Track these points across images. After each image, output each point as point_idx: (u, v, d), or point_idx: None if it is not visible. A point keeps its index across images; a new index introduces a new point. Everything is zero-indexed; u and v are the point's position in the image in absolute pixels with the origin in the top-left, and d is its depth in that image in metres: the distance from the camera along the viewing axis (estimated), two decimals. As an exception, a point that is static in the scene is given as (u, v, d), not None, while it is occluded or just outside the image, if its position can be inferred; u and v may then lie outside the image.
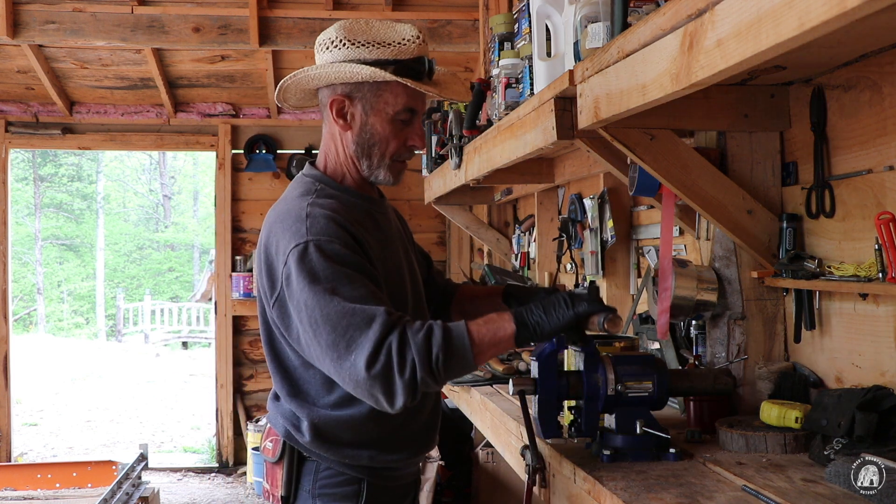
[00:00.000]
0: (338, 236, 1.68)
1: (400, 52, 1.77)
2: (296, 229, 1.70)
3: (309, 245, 1.66)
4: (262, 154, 6.65)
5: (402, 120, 1.82)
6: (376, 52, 1.76)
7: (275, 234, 1.75)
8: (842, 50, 1.77)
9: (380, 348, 1.56)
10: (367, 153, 1.84)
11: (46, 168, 24.99)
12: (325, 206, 1.74)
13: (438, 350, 1.57)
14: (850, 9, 0.95)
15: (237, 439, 6.63)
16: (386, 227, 1.90)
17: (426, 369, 1.57)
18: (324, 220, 1.70)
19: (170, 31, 5.52)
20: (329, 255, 1.65)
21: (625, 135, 1.98)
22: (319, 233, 1.68)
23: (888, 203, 1.76)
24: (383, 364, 1.55)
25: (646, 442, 1.82)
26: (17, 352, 8.28)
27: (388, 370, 1.56)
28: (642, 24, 1.56)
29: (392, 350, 1.56)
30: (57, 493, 5.21)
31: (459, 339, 1.59)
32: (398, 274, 1.86)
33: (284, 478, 1.83)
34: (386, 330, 1.57)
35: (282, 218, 1.76)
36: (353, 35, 1.78)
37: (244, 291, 6.57)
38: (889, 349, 1.79)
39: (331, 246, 1.66)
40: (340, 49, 1.78)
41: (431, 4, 5.77)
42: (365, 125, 1.82)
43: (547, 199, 4.08)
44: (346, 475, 1.82)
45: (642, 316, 2.67)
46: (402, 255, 1.92)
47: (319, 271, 1.64)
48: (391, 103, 1.80)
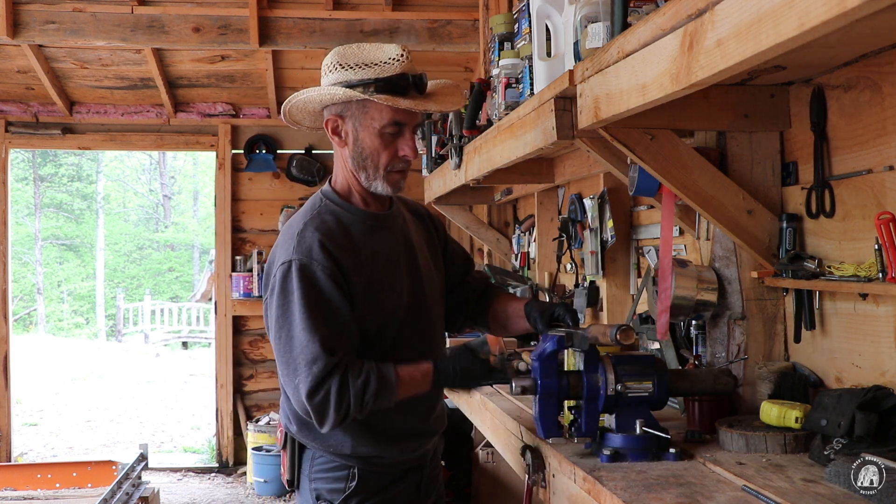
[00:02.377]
0: (319, 261, 1.90)
1: (382, 71, 1.93)
2: (287, 245, 1.93)
3: (292, 264, 1.89)
4: (262, 154, 6.64)
5: (389, 133, 1.97)
6: (361, 73, 1.93)
7: (278, 244, 2.00)
8: (842, 50, 1.77)
9: (319, 386, 1.84)
10: (362, 166, 2.00)
11: (46, 168, 24.99)
12: (318, 228, 1.95)
13: (370, 396, 1.86)
14: (850, 9, 0.95)
15: (237, 439, 6.62)
16: (388, 240, 2.05)
17: (358, 409, 1.86)
18: (311, 242, 1.91)
19: (170, 31, 5.52)
20: (306, 278, 1.88)
21: (625, 135, 1.98)
22: (304, 254, 1.90)
23: (888, 203, 1.76)
24: (321, 398, 1.84)
25: (646, 442, 1.82)
26: (17, 352, 8.28)
27: (325, 405, 1.84)
28: (642, 24, 1.56)
29: (331, 391, 1.84)
30: (57, 493, 5.21)
31: (389, 384, 1.89)
32: (390, 288, 2.01)
33: (289, 464, 2.07)
34: (326, 372, 1.84)
35: (286, 230, 2.01)
36: (345, 59, 1.95)
37: (244, 291, 6.56)
38: (889, 349, 1.79)
39: (310, 269, 1.89)
40: (333, 73, 1.96)
41: (431, 4, 5.76)
42: (357, 140, 1.99)
43: (547, 199, 4.08)
44: (337, 461, 2.01)
45: (642, 316, 2.67)
46: (403, 266, 2.05)
47: (295, 292, 1.88)
48: (377, 118, 1.96)
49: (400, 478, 2.06)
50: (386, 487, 2.04)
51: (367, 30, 5.64)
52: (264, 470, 5.94)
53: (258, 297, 6.55)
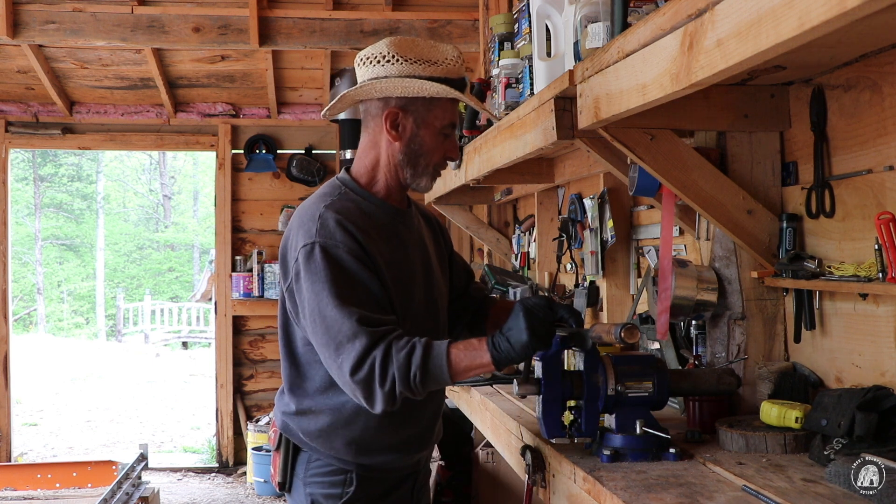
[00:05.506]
0: (343, 242, 1.82)
1: (449, 71, 1.90)
2: (307, 229, 1.85)
3: (315, 246, 1.81)
4: (262, 154, 6.65)
5: (445, 133, 1.95)
6: (429, 68, 1.88)
7: (293, 228, 1.92)
8: (842, 50, 1.77)
9: (363, 359, 1.73)
10: (413, 163, 1.95)
11: (46, 168, 24.99)
12: (339, 211, 1.87)
13: (416, 369, 1.72)
14: (850, 9, 0.95)
15: (237, 439, 6.63)
16: (405, 237, 2.00)
17: (404, 384, 1.73)
18: (333, 224, 1.84)
19: (170, 31, 5.52)
20: (332, 258, 1.80)
21: (625, 135, 1.98)
22: (326, 236, 1.82)
23: (888, 203, 1.76)
24: (366, 373, 1.73)
25: (646, 442, 1.82)
26: (17, 352, 8.28)
27: (370, 379, 1.73)
28: (642, 24, 1.56)
29: (375, 363, 1.73)
30: (57, 493, 5.21)
31: (438, 360, 1.74)
32: (409, 281, 1.96)
33: (280, 465, 2.01)
34: (370, 344, 1.73)
35: (300, 214, 1.93)
36: (404, 52, 1.88)
37: (244, 291, 6.56)
38: (889, 349, 1.79)
39: (335, 251, 1.81)
40: (394, 64, 1.88)
41: (431, 4, 5.77)
42: (415, 137, 1.93)
43: (547, 199, 4.08)
44: (334, 466, 1.95)
45: (642, 316, 2.67)
46: (418, 264, 2.01)
47: (321, 273, 1.79)
48: (440, 118, 1.92)
49: (397, 485, 2.03)
50: (383, 494, 2.00)
51: (367, 30, 5.64)
52: (264, 470, 5.94)
53: (258, 297, 6.56)
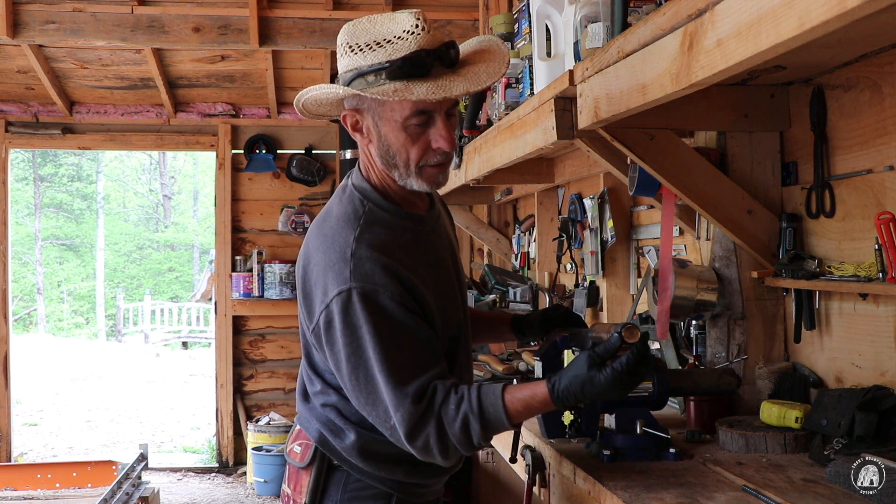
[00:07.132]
0: (384, 285, 1.61)
1: (394, 51, 1.59)
2: (338, 271, 1.62)
3: (353, 294, 1.60)
4: (262, 154, 6.65)
5: (415, 124, 1.64)
6: (371, 56, 1.60)
7: (316, 262, 1.68)
8: (842, 50, 1.77)
9: (415, 433, 1.59)
10: (391, 164, 1.70)
11: (46, 168, 24.98)
12: (371, 244, 1.64)
13: (479, 438, 1.59)
14: (850, 9, 0.95)
15: (237, 439, 6.63)
16: (437, 245, 1.80)
17: (468, 449, 1.61)
18: (370, 265, 1.61)
19: (170, 31, 5.52)
20: (373, 307, 1.60)
21: (625, 135, 1.98)
22: (364, 280, 1.60)
23: (888, 203, 1.76)
24: (423, 446, 1.60)
25: (646, 442, 1.82)
26: (17, 352, 8.28)
27: (429, 451, 1.60)
28: (642, 24, 1.56)
29: (430, 440, 1.59)
30: (57, 493, 5.21)
31: (497, 421, 1.58)
32: (450, 294, 1.78)
33: (311, 485, 1.77)
34: (415, 419, 1.58)
35: (325, 245, 1.67)
36: (355, 38, 1.63)
37: (244, 291, 6.56)
38: (889, 349, 1.79)
39: (376, 297, 1.60)
40: (344, 57, 1.66)
41: (431, 4, 5.76)
42: (381, 137, 1.68)
43: (547, 199, 4.08)
44: (376, 488, 1.76)
45: (642, 316, 2.67)
46: (452, 270, 1.83)
47: (363, 328, 1.59)
48: (397, 110, 1.63)
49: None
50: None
51: (367, 30, 5.63)
52: (264, 470, 5.94)
53: (258, 296, 6.55)
